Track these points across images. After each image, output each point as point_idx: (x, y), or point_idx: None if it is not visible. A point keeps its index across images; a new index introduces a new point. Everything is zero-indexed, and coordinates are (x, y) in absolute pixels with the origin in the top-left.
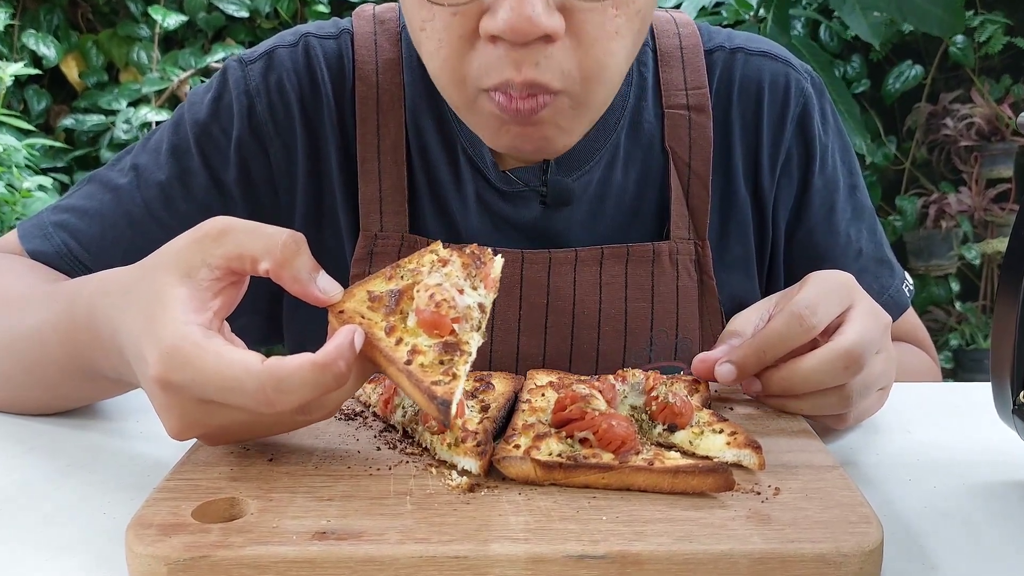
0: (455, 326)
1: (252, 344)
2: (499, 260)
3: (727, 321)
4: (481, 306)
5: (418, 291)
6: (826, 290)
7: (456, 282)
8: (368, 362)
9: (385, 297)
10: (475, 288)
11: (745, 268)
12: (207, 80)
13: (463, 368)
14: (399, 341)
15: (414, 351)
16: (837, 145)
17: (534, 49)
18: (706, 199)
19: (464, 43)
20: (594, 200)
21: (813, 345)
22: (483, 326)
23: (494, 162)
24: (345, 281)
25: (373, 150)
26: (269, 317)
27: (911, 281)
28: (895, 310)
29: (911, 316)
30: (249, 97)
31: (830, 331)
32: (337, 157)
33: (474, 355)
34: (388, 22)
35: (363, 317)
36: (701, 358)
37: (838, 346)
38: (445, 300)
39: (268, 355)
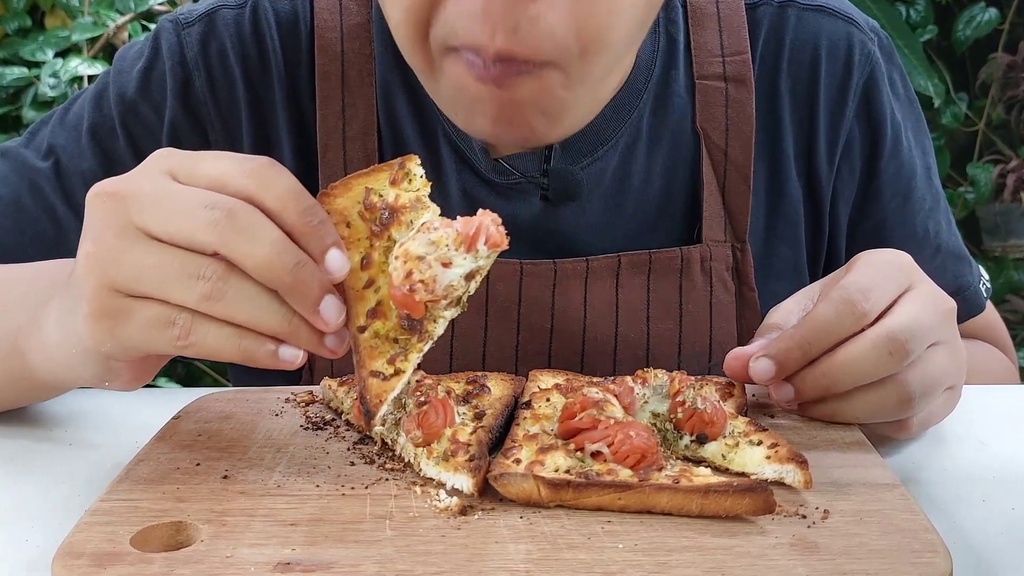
0: (428, 305)
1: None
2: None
3: None
4: (472, 273)
5: (396, 258)
6: (881, 272)
7: (443, 253)
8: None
9: (379, 208)
10: (472, 250)
11: (795, 275)
12: (147, 30)
13: (413, 359)
14: (369, 284)
15: (377, 311)
16: (910, 121)
17: (514, 7)
18: (746, 193)
19: None
20: (609, 194)
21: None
22: (465, 298)
23: (484, 148)
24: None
25: (337, 136)
26: None
27: (987, 277)
28: (972, 311)
29: (987, 310)
30: (185, 69)
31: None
32: (290, 144)
33: (439, 334)
34: None
35: (348, 225)
36: (734, 355)
37: (882, 329)
38: (423, 282)
39: None
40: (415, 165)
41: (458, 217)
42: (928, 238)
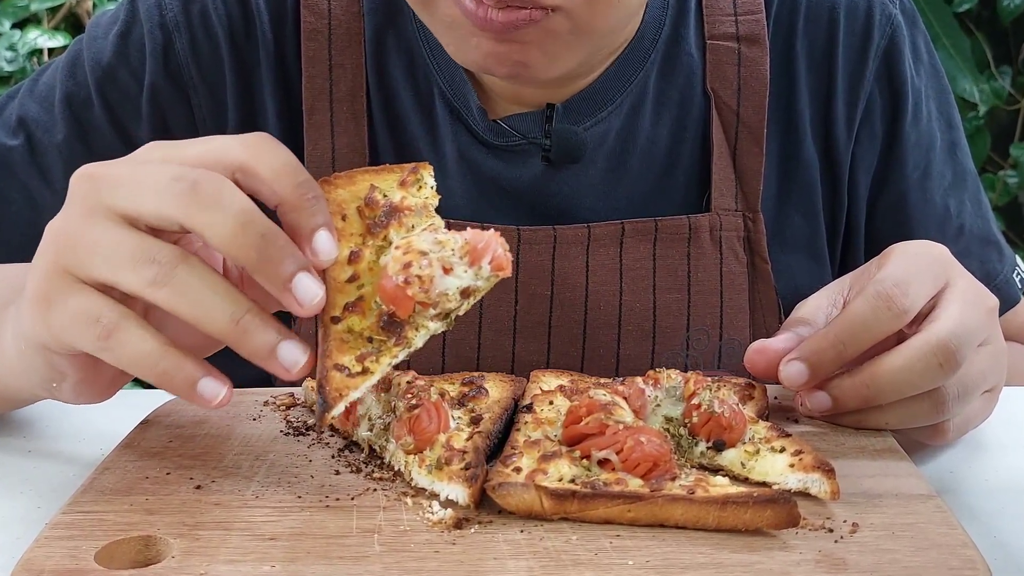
0: (417, 308)
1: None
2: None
3: (786, 316)
4: (468, 291)
5: (396, 248)
6: (917, 265)
7: (446, 256)
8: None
9: (381, 205)
10: (475, 264)
11: (811, 248)
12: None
13: (385, 362)
14: (353, 279)
15: (356, 306)
16: (933, 90)
17: None
18: (759, 158)
19: None
20: (613, 157)
21: (898, 339)
22: (453, 316)
23: (482, 108)
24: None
25: (324, 99)
26: None
27: None
28: (1003, 303)
29: (1022, 311)
30: (166, 33)
31: (919, 318)
32: (275, 108)
33: (416, 347)
34: None
35: (344, 218)
36: (758, 348)
37: (931, 337)
38: (420, 277)
39: None
40: (428, 174)
41: (468, 228)
42: (949, 217)
